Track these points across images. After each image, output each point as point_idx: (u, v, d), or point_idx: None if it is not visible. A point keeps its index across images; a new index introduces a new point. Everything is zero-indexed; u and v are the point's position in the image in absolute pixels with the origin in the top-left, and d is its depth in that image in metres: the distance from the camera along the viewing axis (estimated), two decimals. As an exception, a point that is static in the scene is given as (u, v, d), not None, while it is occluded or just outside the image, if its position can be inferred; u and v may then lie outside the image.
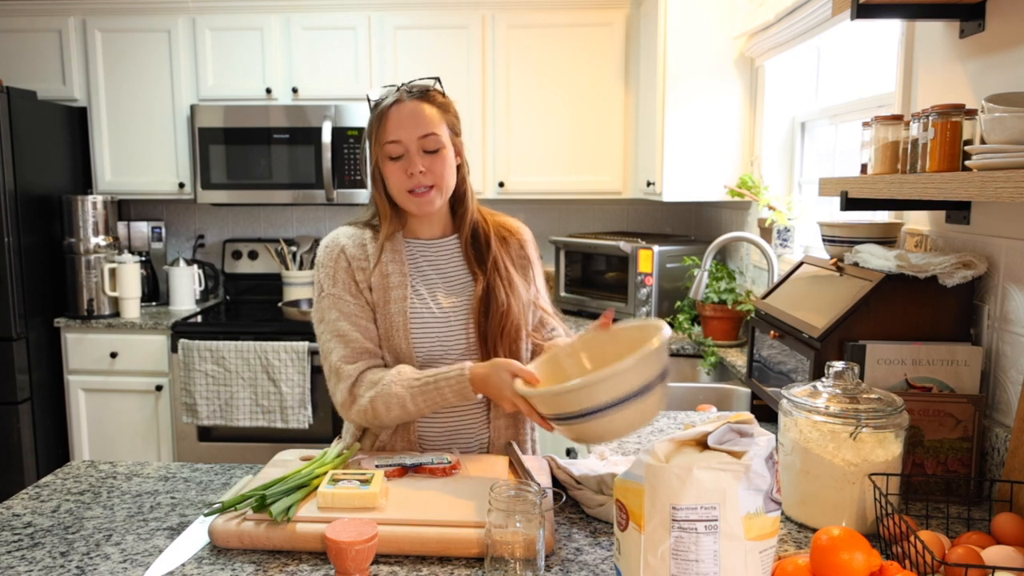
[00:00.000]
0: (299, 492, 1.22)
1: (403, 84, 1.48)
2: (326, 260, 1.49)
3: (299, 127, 3.37)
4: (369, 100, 1.49)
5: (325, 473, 1.29)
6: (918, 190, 1.22)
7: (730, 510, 0.93)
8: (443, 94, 1.50)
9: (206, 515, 1.23)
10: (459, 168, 1.52)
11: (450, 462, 1.35)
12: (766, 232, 2.65)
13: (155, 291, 3.69)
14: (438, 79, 1.50)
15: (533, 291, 1.59)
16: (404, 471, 1.34)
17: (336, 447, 1.42)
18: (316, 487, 1.25)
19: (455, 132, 1.50)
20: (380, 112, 1.45)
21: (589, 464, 1.44)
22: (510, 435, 1.54)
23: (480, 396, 1.39)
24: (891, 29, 1.88)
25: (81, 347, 3.30)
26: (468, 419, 1.52)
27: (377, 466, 1.34)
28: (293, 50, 3.42)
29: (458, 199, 1.55)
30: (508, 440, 1.52)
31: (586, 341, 1.38)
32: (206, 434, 3.26)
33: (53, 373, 3.33)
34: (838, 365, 1.25)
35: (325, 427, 3.18)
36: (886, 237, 1.69)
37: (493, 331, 1.48)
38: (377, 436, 1.52)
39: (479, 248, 1.54)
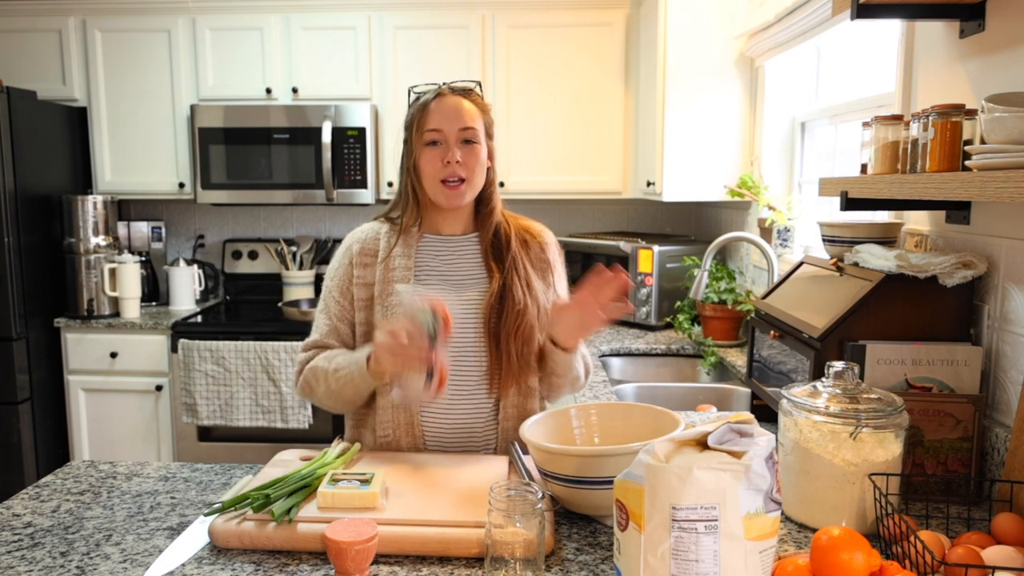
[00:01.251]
0: (300, 493, 1.22)
1: (445, 83, 1.54)
2: (338, 254, 1.60)
3: (299, 127, 3.37)
4: (411, 93, 1.55)
5: (325, 473, 1.29)
6: (918, 190, 1.22)
7: (730, 510, 0.93)
8: (482, 98, 1.56)
9: (206, 515, 1.23)
10: (488, 171, 1.55)
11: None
12: (766, 232, 2.65)
13: (155, 291, 3.70)
14: (479, 83, 1.57)
15: (552, 295, 1.59)
16: None
17: (336, 447, 1.42)
18: (316, 487, 1.25)
19: (489, 135, 1.55)
20: (423, 103, 1.51)
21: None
22: (516, 436, 1.53)
23: (389, 382, 1.42)
24: (891, 29, 1.88)
25: (81, 347, 3.30)
26: (475, 419, 1.52)
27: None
28: (293, 50, 3.41)
29: (483, 200, 1.57)
30: (515, 440, 1.51)
31: (600, 407, 1.45)
32: (206, 434, 3.26)
33: (53, 373, 3.33)
34: (838, 365, 1.25)
35: (325, 427, 3.18)
36: (886, 237, 1.69)
37: (507, 330, 1.49)
38: (379, 434, 1.51)
39: (499, 248, 1.56)
